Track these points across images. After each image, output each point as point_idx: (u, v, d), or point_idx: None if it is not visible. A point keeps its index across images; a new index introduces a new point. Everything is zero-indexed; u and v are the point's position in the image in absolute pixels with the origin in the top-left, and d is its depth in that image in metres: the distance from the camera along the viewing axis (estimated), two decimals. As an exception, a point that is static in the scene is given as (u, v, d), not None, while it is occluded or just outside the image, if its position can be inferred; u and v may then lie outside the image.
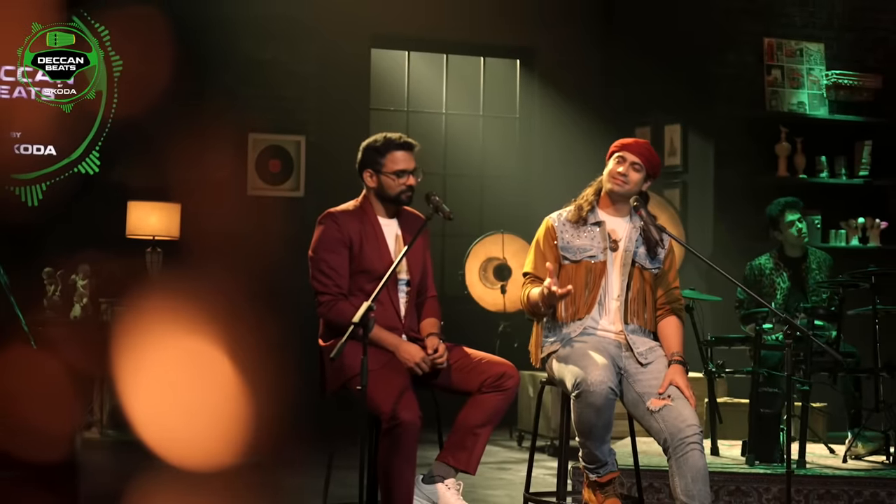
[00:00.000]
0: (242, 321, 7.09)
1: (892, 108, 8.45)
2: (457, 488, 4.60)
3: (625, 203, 4.69)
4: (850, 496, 5.46)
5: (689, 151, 8.67)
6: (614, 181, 4.64)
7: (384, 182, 4.71)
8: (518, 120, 9.62)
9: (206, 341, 6.90)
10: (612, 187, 4.66)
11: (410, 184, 4.72)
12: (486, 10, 9.15)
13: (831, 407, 6.96)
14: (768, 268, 6.60)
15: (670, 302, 4.70)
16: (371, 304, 4.24)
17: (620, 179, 4.63)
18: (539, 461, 4.98)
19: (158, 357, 6.82)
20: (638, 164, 4.63)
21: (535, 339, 4.76)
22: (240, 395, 6.67)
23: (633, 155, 4.63)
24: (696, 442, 4.33)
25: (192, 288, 7.08)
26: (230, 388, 6.65)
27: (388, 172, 4.70)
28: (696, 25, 8.62)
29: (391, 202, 4.75)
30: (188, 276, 7.28)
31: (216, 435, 6.22)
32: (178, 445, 6.02)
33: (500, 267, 8.38)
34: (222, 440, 6.14)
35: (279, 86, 8.42)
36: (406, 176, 4.71)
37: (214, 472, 5.87)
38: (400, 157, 4.72)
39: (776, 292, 6.53)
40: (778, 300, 6.49)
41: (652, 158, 4.66)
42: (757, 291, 6.55)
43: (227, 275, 7.45)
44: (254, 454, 6.34)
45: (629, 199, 4.67)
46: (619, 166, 4.64)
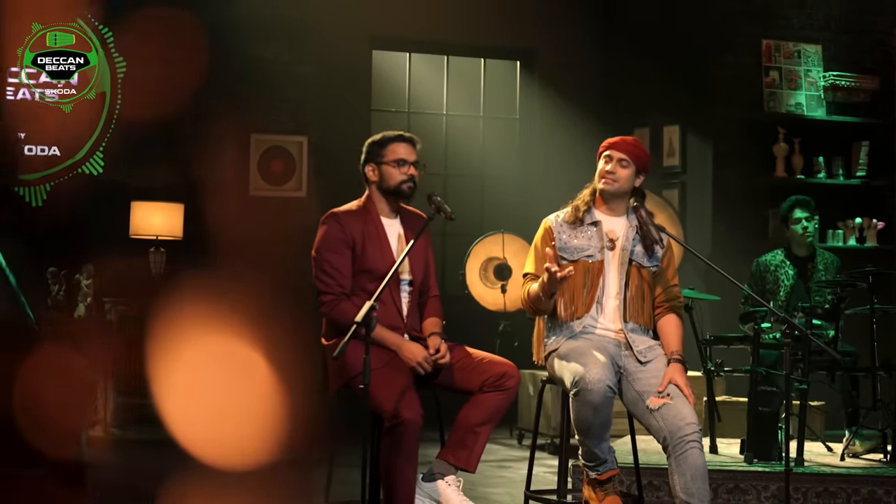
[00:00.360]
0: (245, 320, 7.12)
1: (889, 109, 8.49)
2: (457, 484, 4.64)
3: (620, 202, 4.73)
4: (848, 494, 5.49)
5: (688, 152, 8.71)
6: (604, 181, 4.68)
7: (385, 172, 4.74)
8: (518, 121, 9.67)
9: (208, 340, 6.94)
10: (602, 187, 4.69)
11: (412, 173, 4.75)
12: (486, 11, 9.18)
13: (829, 405, 7.00)
14: (773, 264, 6.65)
15: (669, 300, 4.73)
16: (373, 304, 4.28)
17: (609, 178, 4.67)
18: (539, 459, 5.02)
19: (159, 357, 6.86)
20: (625, 161, 4.66)
21: (536, 337, 4.80)
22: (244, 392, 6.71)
23: (619, 152, 4.67)
24: (696, 440, 4.35)
25: (195, 287, 7.12)
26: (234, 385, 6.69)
27: (389, 162, 4.74)
28: (695, 27, 8.65)
29: (393, 195, 4.77)
30: (191, 275, 7.32)
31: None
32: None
33: (501, 267, 8.42)
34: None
35: (281, 87, 8.45)
36: (407, 165, 4.75)
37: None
38: (400, 148, 4.77)
39: (780, 289, 6.58)
40: (781, 297, 6.53)
41: (639, 153, 4.69)
42: (760, 287, 6.61)
43: (229, 274, 7.48)
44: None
45: (624, 197, 4.71)
46: (606, 165, 4.69)
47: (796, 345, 5.73)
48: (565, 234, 4.69)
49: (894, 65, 8.36)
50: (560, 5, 9.41)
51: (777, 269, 6.64)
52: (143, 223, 7.75)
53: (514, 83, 9.66)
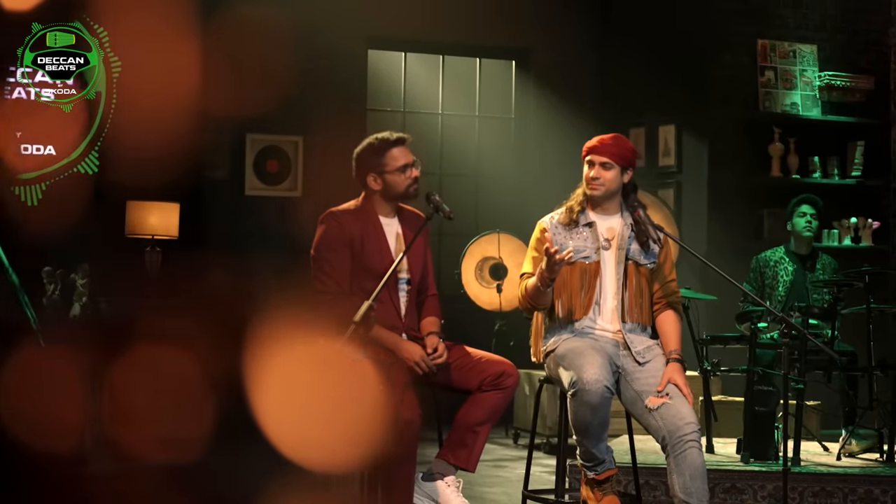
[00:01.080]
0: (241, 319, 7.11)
1: (884, 109, 8.50)
2: (456, 486, 4.64)
3: (612, 201, 4.70)
4: (845, 493, 5.50)
5: (684, 152, 8.72)
6: (591, 188, 4.66)
7: (390, 181, 4.74)
8: (513, 120, 9.67)
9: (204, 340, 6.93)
10: (590, 193, 4.68)
11: (415, 176, 4.76)
12: (482, 11, 9.19)
13: (825, 405, 7.01)
14: (773, 259, 6.68)
15: (667, 295, 4.71)
16: (372, 303, 4.28)
17: (595, 184, 4.65)
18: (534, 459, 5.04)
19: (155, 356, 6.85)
20: (608, 163, 4.64)
21: (535, 335, 4.79)
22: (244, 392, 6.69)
23: (599, 156, 4.64)
24: (695, 440, 4.35)
25: (191, 287, 7.11)
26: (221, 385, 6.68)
27: (392, 171, 4.74)
28: (691, 27, 8.66)
29: (400, 199, 4.78)
30: (187, 275, 7.31)
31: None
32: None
33: (496, 266, 8.43)
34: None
35: (277, 86, 8.45)
36: (409, 169, 4.76)
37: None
38: (398, 153, 4.76)
39: (778, 284, 6.60)
40: (780, 293, 6.55)
41: (620, 151, 4.64)
42: (759, 284, 6.62)
43: (225, 274, 7.48)
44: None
45: (614, 196, 4.68)
46: (590, 171, 4.67)
47: (792, 344, 5.74)
48: (561, 236, 4.68)
49: (889, 65, 8.37)
50: (556, 4, 9.42)
51: (776, 265, 6.66)
52: (139, 222, 7.74)
53: (510, 83, 9.66)
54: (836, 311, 6.03)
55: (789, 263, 6.67)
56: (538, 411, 5.01)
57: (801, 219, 6.69)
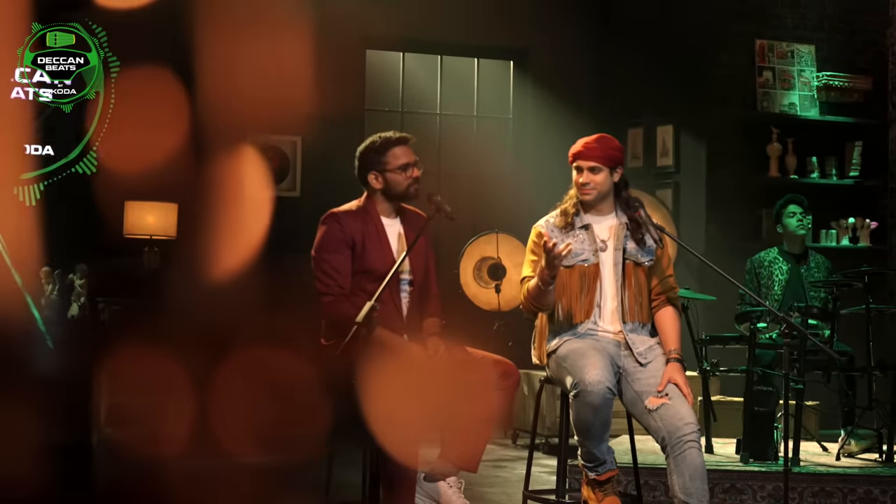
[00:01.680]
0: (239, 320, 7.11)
1: (882, 109, 8.51)
2: (458, 486, 4.65)
3: (606, 202, 4.69)
4: (844, 493, 5.51)
5: (682, 152, 8.73)
6: (582, 193, 4.66)
7: (391, 180, 4.74)
8: (511, 120, 9.67)
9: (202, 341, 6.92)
10: (582, 199, 4.68)
11: (416, 176, 4.76)
12: (481, 11, 9.18)
13: (824, 405, 7.02)
14: (767, 260, 6.69)
15: (665, 291, 4.70)
16: (374, 304, 4.28)
17: (587, 189, 4.64)
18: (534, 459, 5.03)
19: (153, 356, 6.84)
20: (595, 167, 4.63)
21: (538, 337, 4.78)
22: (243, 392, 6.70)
23: (586, 161, 4.64)
24: (694, 440, 4.35)
25: (189, 287, 7.10)
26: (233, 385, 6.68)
27: (393, 169, 4.74)
28: (689, 27, 8.67)
29: (400, 198, 4.78)
30: (185, 275, 7.31)
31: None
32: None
33: (495, 266, 8.43)
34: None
35: (275, 86, 8.44)
36: (411, 169, 4.76)
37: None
38: (400, 152, 4.77)
39: (774, 284, 6.60)
40: (776, 292, 6.56)
41: (606, 152, 4.63)
42: (755, 285, 6.63)
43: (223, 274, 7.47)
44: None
45: (607, 197, 4.67)
46: (579, 177, 4.66)
47: (792, 344, 5.74)
48: (557, 239, 4.65)
49: (887, 65, 8.38)
50: (554, 5, 9.42)
51: (771, 265, 6.68)
52: (137, 222, 7.74)
53: (508, 83, 9.66)
54: (835, 312, 6.03)
55: (783, 263, 6.68)
56: (538, 411, 5.01)
57: (791, 219, 6.70)
